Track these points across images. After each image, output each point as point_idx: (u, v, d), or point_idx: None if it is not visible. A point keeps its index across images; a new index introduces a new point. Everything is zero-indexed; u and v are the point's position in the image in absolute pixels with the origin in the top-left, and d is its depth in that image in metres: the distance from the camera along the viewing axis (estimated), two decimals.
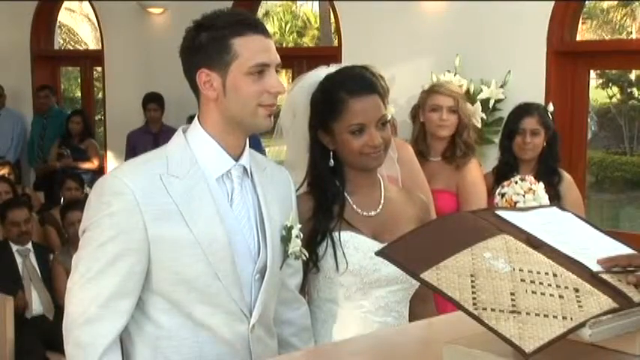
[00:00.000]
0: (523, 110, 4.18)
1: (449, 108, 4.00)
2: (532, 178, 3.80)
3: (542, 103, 5.26)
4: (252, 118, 2.01)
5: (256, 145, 7.02)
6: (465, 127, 4.00)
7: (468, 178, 3.98)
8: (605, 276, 1.47)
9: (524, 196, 3.72)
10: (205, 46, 1.97)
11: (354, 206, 2.39)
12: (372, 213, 2.39)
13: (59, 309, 5.58)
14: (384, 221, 2.38)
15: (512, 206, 3.74)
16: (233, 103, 2.00)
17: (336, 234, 2.33)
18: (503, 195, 3.79)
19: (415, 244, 1.57)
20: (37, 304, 5.53)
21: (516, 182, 3.79)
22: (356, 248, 2.32)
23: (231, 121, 2.02)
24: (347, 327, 2.35)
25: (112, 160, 8.25)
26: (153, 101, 7.91)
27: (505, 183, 3.83)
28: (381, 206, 2.40)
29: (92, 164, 8.37)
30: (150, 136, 7.80)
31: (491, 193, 4.00)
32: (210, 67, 1.98)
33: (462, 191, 3.96)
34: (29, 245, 5.69)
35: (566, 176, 4.12)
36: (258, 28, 2.02)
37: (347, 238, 2.33)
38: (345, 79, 2.35)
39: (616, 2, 15.96)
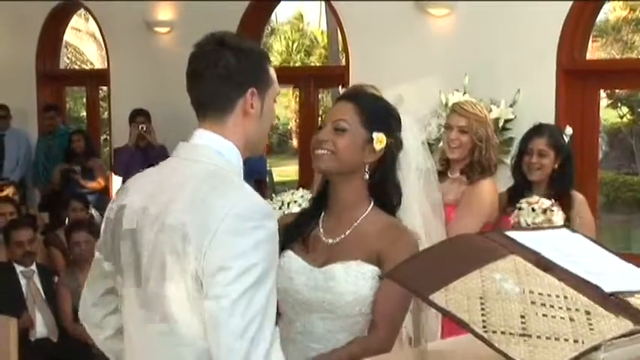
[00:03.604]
0: (533, 130, 4.21)
1: (460, 128, 3.98)
2: (556, 211, 3.79)
3: (553, 122, 5.27)
4: (263, 142, 2.16)
5: (262, 166, 7.09)
6: (476, 148, 3.97)
7: (473, 191, 3.95)
8: (617, 297, 1.46)
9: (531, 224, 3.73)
10: (250, 67, 2.06)
11: (321, 230, 2.43)
12: (331, 241, 2.41)
13: (63, 331, 5.57)
14: (342, 249, 2.37)
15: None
16: (263, 126, 2.11)
17: (284, 251, 2.41)
18: (520, 209, 3.80)
19: (423, 265, 1.57)
20: (40, 326, 5.50)
21: (533, 209, 3.78)
22: (281, 267, 2.35)
23: (248, 142, 2.09)
24: (284, 344, 2.32)
25: (117, 181, 8.25)
26: (141, 115, 7.88)
27: (531, 201, 3.81)
28: (344, 234, 2.39)
29: (98, 184, 8.37)
30: (139, 151, 7.79)
31: (504, 213, 3.99)
32: (257, 88, 2.07)
33: (462, 202, 3.93)
34: (33, 266, 5.66)
35: (579, 196, 4.11)
36: None
37: (284, 255, 2.40)
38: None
39: (627, 18, 16.00)
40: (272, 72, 2.11)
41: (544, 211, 3.81)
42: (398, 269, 1.62)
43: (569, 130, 4.26)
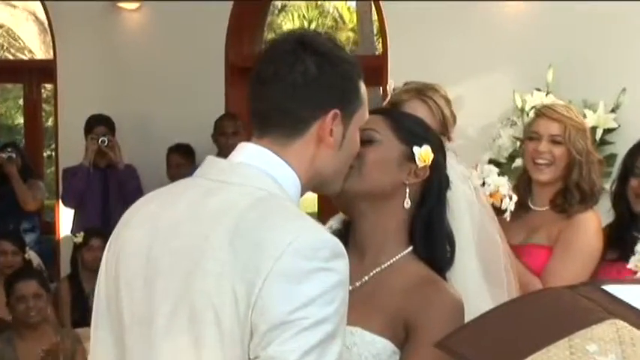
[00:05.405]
0: None
1: (552, 137, 3.92)
2: None
3: None
4: (339, 179, 2.20)
5: None
6: (576, 165, 3.94)
7: (574, 229, 3.91)
8: None
9: None
10: (337, 82, 2.10)
11: None
12: (349, 287, 2.36)
13: None
14: (352, 304, 2.22)
15: None
16: (340, 159, 2.15)
17: None
18: None
19: (490, 332, 1.58)
20: None
21: None
22: None
23: (316, 176, 2.12)
24: None
25: (66, 211, 8.27)
26: (100, 123, 7.89)
27: None
28: (361, 281, 2.35)
29: (32, 204, 8.30)
30: (98, 173, 7.81)
31: (603, 259, 3.98)
32: (342, 110, 2.10)
33: (559, 244, 3.90)
34: None
35: None
36: None
37: None
38: None
39: None
40: (363, 90, 2.16)
41: None
42: (453, 338, 1.62)
43: None
